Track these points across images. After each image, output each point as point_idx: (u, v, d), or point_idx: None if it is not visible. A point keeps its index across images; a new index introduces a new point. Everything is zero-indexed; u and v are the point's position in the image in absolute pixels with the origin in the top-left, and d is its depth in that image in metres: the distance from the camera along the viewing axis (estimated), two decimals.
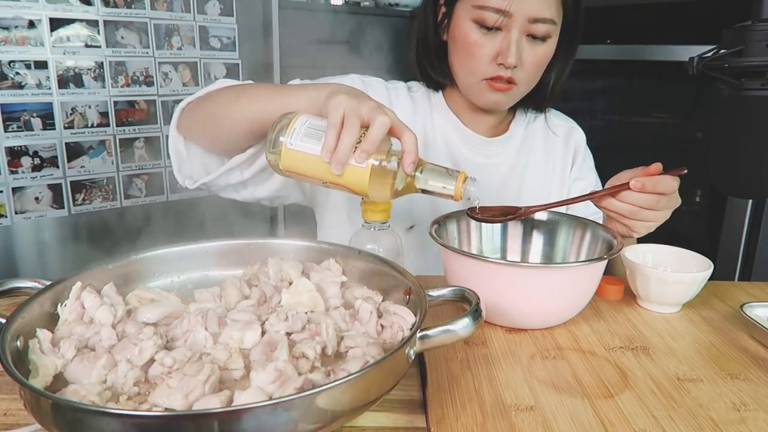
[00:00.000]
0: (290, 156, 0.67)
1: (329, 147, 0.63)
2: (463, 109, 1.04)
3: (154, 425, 0.43)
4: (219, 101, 0.82)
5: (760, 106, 0.72)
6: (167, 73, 1.86)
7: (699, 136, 1.80)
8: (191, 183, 0.89)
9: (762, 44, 0.70)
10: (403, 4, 2.37)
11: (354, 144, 0.63)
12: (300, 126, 0.67)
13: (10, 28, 1.58)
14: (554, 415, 0.56)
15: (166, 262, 0.71)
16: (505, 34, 0.90)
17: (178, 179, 0.90)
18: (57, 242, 1.76)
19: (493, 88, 0.94)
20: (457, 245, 0.85)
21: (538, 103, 1.06)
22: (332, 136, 0.63)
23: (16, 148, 1.64)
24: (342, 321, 0.62)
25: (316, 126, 0.67)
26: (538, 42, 0.91)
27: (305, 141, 0.66)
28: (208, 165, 0.88)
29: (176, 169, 0.89)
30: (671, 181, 0.79)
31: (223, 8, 1.93)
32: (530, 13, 0.88)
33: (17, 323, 0.54)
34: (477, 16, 0.90)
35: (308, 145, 0.66)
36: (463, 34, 0.92)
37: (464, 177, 0.68)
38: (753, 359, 0.68)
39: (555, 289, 0.71)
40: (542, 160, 1.09)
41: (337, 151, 0.63)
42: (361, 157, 0.64)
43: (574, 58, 1.02)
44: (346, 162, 0.64)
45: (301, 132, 0.66)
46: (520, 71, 0.92)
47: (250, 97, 0.78)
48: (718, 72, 0.74)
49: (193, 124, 0.86)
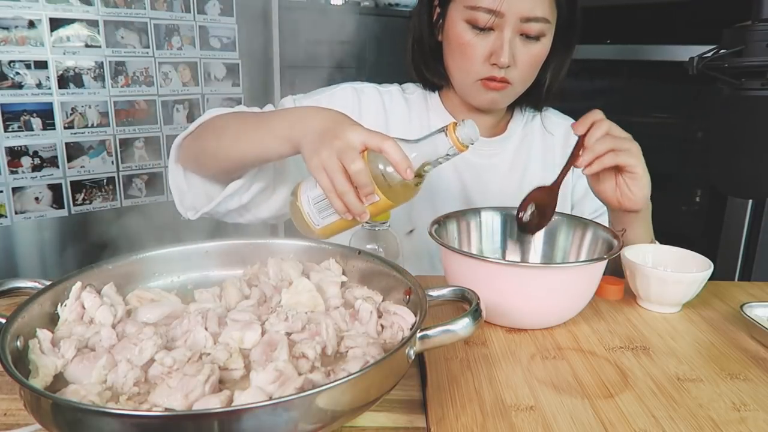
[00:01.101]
0: (326, 232, 0.71)
1: (342, 210, 0.66)
2: (460, 109, 1.04)
3: (154, 425, 0.43)
4: (205, 138, 0.83)
5: (760, 106, 0.72)
6: (167, 73, 1.86)
7: (699, 136, 1.80)
8: (193, 214, 0.90)
9: (762, 44, 0.70)
10: (402, 4, 2.37)
11: (356, 196, 0.64)
12: (308, 207, 0.70)
13: (10, 28, 1.58)
14: (554, 415, 0.56)
15: (166, 262, 0.71)
16: (498, 34, 0.90)
17: (181, 212, 0.91)
18: (57, 242, 1.76)
19: (488, 87, 0.94)
20: (457, 245, 0.85)
21: (535, 102, 1.06)
22: (337, 203, 0.65)
23: (16, 148, 1.64)
24: (342, 321, 0.62)
25: (319, 198, 0.69)
26: (531, 41, 0.91)
27: (324, 217, 0.69)
28: (210, 193, 0.89)
29: (178, 202, 0.90)
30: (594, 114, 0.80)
31: (223, 8, 1.93)
32: (522, 13, 0.88)
33: (17, 323, 0.54)
34: (469, 16, 0.90)
35: (329, 219, 0.69)
36: (456, 35, 0.92)
37: (453, 126, 0.65)
38: (753, 359, 0.68)
39: (555, 289, 0.71)
40: (541, 159, 1.09)
41: (351, 210, 0.65)
42: (369, 198, 0.65)
43: (571, 57, 1.02)
44: (363, 210, 0.65)
45: (314, 212, 0.70)
46: (515, 71, 0.92)
47: (232, 137, 0.78)
48: (718, 72, 0.74)
49: (188, 158, 0.87)
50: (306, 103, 0.98)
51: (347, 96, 1.02)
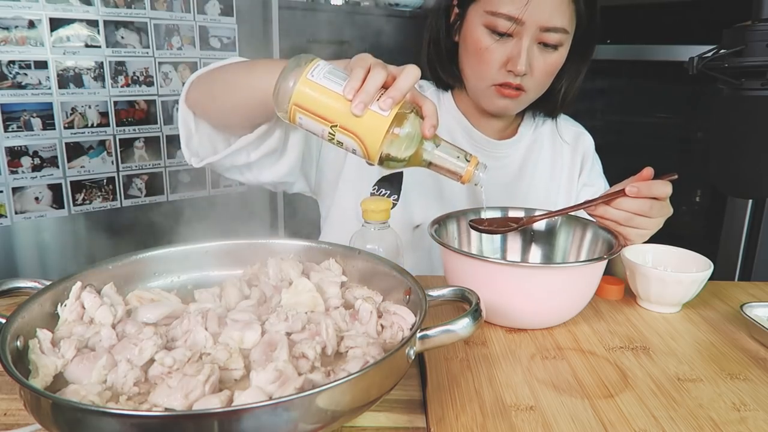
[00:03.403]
0: (307, 88, 0.61)
1: (354, 85, 0.60)
2: (472, 111, 1.04)
3: (154, 425, 0.43)
4: (233, 71, 0.80)
5: (760, 106, 0.72)
6: (167, 73, 1.86)
7: (699, 136, 1.80)
8: (197, 161, 0.87)
9: (762, 44, 0.70)
10: (403, 4, 2.37)
11: (379, 87, 0.61)
12: (324, 65, 0.63)
13: (10, 28, 1.57)
14: (554, 415, 0.56)
15: (166, 262, 0.71)
16: (517, 41, 0.89)
17: (185, 154, 0.87)
18: (57, 242, 1.76)
19: (502, 94, 0.93)
20: (457, 245, 0.85)
21: (550, 110, 1.06)
22: (359, 75, 0.61)
23: (16, 148, 1.63)
24: (342, 321, 0.62)
25: (340, 70, 0.63)
26: (549, 50, 0.91)
27: (327, 78, 0.62)
28: (216, 144, 0.86)
29: (184, 144, 0.87)
30: (664, 186, 0.78)
31: (223, 8, 1.93)
32: (542, 22, 0.87)
33: (17, 323, 0.54)
34: (489, 21, 0.89)
35: (330, 82, 0.61)
36: (474, 39, 0.92)
37: (476, 161, 0.66)
38: (753, 359, 0.68)
39: (555, 289, 0.71)
40: (549, 163, 1.09)
41: (362, 91, 0.60)
42: (386, 103, 0.60)
43: (587, 66, 1.01)
44: (369, 103, 0.60)
45: (325, 69, 0.63)
46: (530, 78, 0.92)
47: (266, 67, 0.75)
48: (718, 72, 0.74)
49: (203, 95, 0.83)
50: None
51: None
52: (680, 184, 0.81)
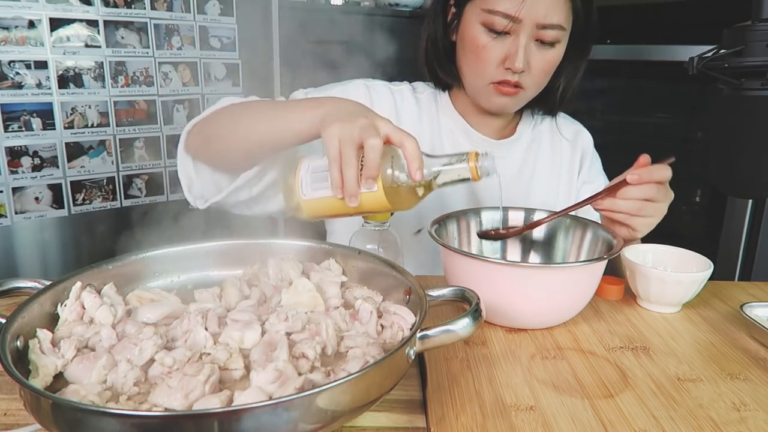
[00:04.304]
0: (309, 206, 0.68)
1: (337, 184, 0.63)
2: (470, 110, 1.04)
3: (154, 425, 0.43)
4: (221, 123, 0.82)
5: (760, 106, 0.72)
6: (167, 73, 1.86)
7: (699, 136, 1.80)
8: (202, 203, 0.89)
9: (762, 44, 0.70)
10: (403, 4, 2.37)
11: (357, 173, 0.63)
12: (305, 174, 0.68)
13: (10, 28, 1.57)
14: (554, 415, 0.56)
15: (166, 262, 0.71)
16: (514, 38, 0.90)
17: (189, 200, 0.89)
18: (57, 242, 1.76)
19: (500, 92, 0.94)
20: (457, 245, 0.85)
21: (549, 108, 1.06)
22: (336, 173, 0.63)
23: (16, 148, 1.63)
24: (342, 321, 0.62)
25: (319, 168, 0.67)
26: (546, 47, 0.91)
27: (315, 188, 0.67)
28: (219, 183, 0.88)
29: (186, 190, 0.89)
30: (664, 169, 0.79)
31: (223, 8, 1.93)
32: (539, 19, 0.88)
33: (17, 323, 0.54)
34: (486, 19, 0.90)
35: (320, 191, 0.66)
36: (471, 37, 0.92)
37: (475, 155, 0.66)
38: (753, 359, 0.68)
39: (555, 289, 0.70)
40: (549, 162, 1.09)
41: (346, 187, 0.63)
42: (368, 183, 0.63)
43: (585, 63, 1.01)
44: (357, 193, 0.63)
45: (308, 180, 0.67)
46: (528, 76, 0.92)
47: (252, 118, 0.78)
48: (718, 72, 0.74)
49: (199, 144, 0.85)
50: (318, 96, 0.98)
51: (359, 92, 1.02)
52: (680, 184, 0.81)
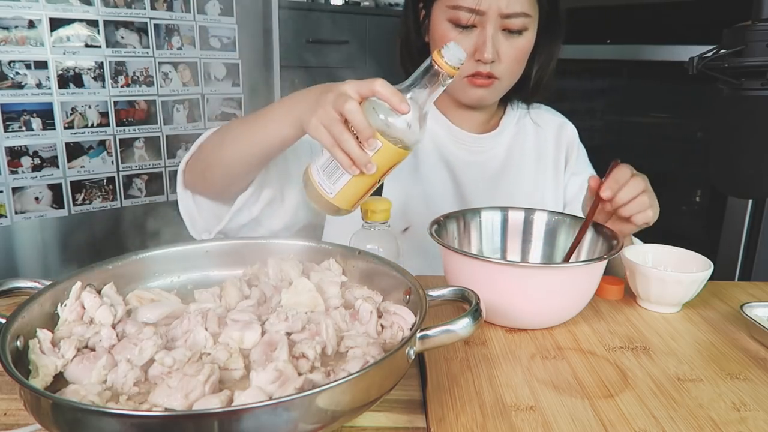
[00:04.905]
0: (341, 200, 0.69)
1: (348, 163, 0.64)
2: (450, 107, 1.05)
3: (154, 425, 0.43)
4: (207, 153, 0.84)
5: (760, 106, 0.72)
6: (167, 73, 1.86)
7: (699, 136, 1.80)
8: (207, 235, 0.91)
9: (762, 44, 0.69)
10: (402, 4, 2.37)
11: (356, 143, 0.64)
12: (318, 175, 0.69)
13: (10, 28, 1.57)
14: (554, 415, 0.56)
15: (166, 262, 0.71)
16: (480, 30, 0.92)
17: (194, 236, 0.91)
18: (57, 242, 1.76)
19: (474, 84, 0.95)
20: (457, 245, 0.85)
21: (525, 97, 1.08)
22: (340, 154, 0.64)
23: (16, 148, 1.63)
24: (342, 321, 0.62)
25: (325, 162, 0.68)
26: (514, 35, 0.93)
27: (334, 180, 0.67)
28: (220, 214, 0.90)
29: (190, 228, 0.91)
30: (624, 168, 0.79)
31: (223, 8, 1.93)
32: (502, 9, 0.89)
33: (17, 323, 0.54)
34: (452, 15, 0.92)
35: (340, 181, 0.67)
36: (440, 34, 0.94)
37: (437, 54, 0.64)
38: (753, 359, 0.68)
39: (555, 289, 0.70)
40: (534, 155, 1.10)
41: (356, 161, 0.64)
42: (370, 144, 0.64)
43: (559, 49, 1.03)
44: (369, 159, 0.64)
45: (324, 178, 0.68)
46: (500, 65, 0.94)
47: (233, 137, 0.79)
48: (718, 72, 0.73)
49: (195, 178, 0.88)
50: None
51: None
52: (680, 184, 0.81)
